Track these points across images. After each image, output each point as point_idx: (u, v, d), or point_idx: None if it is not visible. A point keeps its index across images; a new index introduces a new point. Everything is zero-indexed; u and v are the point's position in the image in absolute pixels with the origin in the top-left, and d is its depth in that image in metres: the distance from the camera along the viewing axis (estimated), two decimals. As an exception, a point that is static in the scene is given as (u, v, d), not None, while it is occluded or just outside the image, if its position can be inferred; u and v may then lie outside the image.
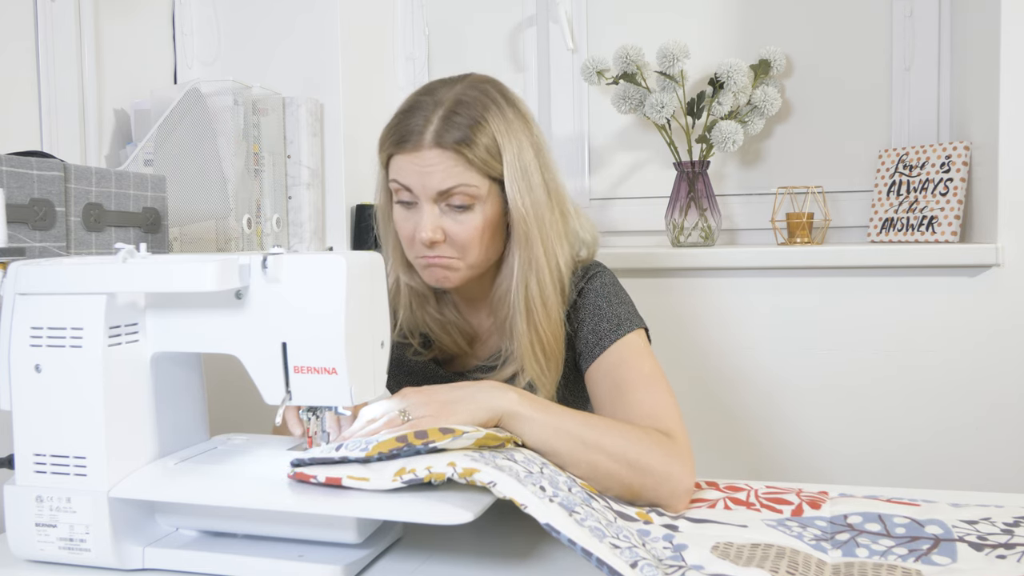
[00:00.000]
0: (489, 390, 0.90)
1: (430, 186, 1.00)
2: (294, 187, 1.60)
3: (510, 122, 1.03)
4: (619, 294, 1.12)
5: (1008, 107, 1.45)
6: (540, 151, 1.06)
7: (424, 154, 1.00)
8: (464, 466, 0.73)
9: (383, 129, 1.05)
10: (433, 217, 1.02)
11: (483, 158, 1.00)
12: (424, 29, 1.92)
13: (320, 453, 0.78)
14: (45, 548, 0.79)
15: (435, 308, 1.14)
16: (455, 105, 1.01)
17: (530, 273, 1.04)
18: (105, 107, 1.46)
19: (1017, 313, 1.50)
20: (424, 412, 0.85)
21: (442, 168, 0.99)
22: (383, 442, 0.77)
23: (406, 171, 1.02)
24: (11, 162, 0.96)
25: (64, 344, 0.77)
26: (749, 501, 0.91)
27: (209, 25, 1.69)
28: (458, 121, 1.00)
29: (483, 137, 1.00)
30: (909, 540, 0.79)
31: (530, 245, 1.03)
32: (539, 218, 1.03)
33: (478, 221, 1.02)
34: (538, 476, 0.78)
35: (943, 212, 1.55)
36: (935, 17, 1.65)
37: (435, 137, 0.99)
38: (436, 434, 0.78)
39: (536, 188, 1.03)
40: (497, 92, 1.05)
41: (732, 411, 1.66)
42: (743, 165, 1.78)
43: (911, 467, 1.58)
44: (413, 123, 1.01)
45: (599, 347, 1.06)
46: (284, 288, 0.79)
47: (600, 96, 1.84)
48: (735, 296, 1.64)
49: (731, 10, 1.77)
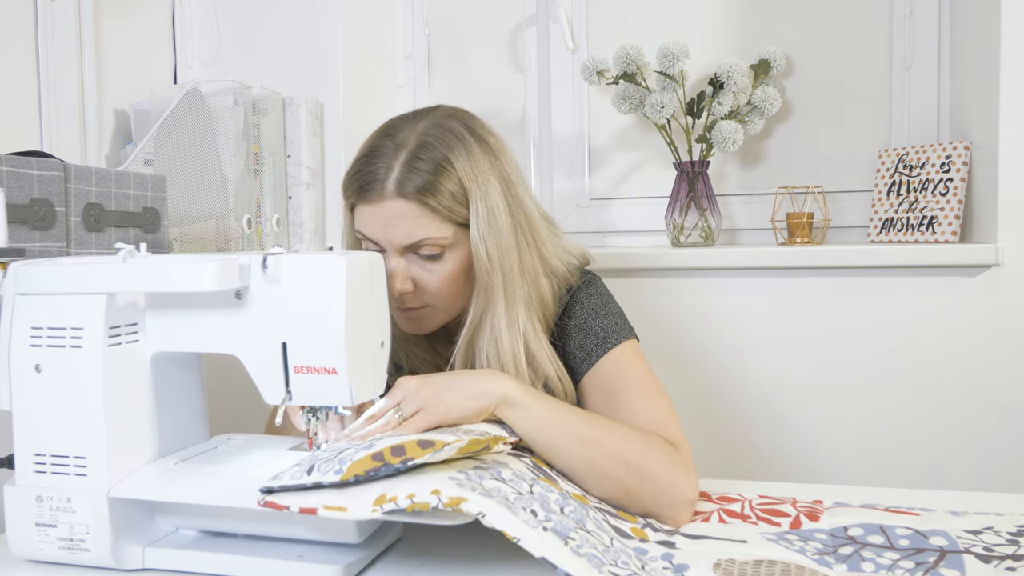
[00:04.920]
0: (486, 377, 0.89)
1: (395, 240, 0.97)
2: (294, 187, 1.60)
3: (476, 161, 0.98)
4: (606, 305, 1.08)
5: (1008, 107, 1.45)
6: (509, 185, 1.01)
7: (387, 205, 0.96)
8: (449, 495, 0.69)
9: (345, 173, 1.02)
10: (401, 268, 0.98)
11: (448, 205, 0.96)
12: (424, 29, 1.92)
13: (291, 479, 0.74)
14: (45, 548, 0.79)
15: (415, 346, 1.11)
16: (417, 149, 0.96)
17: (485, 327, 0.99)
18: (105, 107, 1.46)
19: (1017, 313, 1.50)
20: (417, 403, 0.85)
21: (407, 220, 0.96)
22: (357, 462, 0.72)
23: (371, 224, 0.98)
24: (11, 162, 0.96)
25: (64, 344, 0.77)
26: (744, 513, 0.89)
27: (209, 25, 1.69)
28: (420, 167, 0.95)
29: (447, 183, 0.95)
30: (914, 552, 0.78)
31: (490, 296, 0.99)
32: (506, 266, 0.98)
33: (448, 269, 0.99)
34: (528, 498, 0.75)
35: (943, 212, 1.55)
36: (935, 17, 1.65)
37: (397, 186, 0.95)
38: (414, 449, 0.73)
39: (504, 232, 0.98)
40: (463, 128, 1.00)
41: (731, 411, 1.66)
42: (743, 165, 1.78)
43: (911, 467, 1.58)
44: (375, 170, 0.97)
45: (587, 361, 1.03)
46: (284, 288, 0.79)
47: (600, 96, 1.84)
48: (735, 296, 1.64)
49: (731, 10, 1.77)
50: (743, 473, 1.63)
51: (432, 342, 1.12)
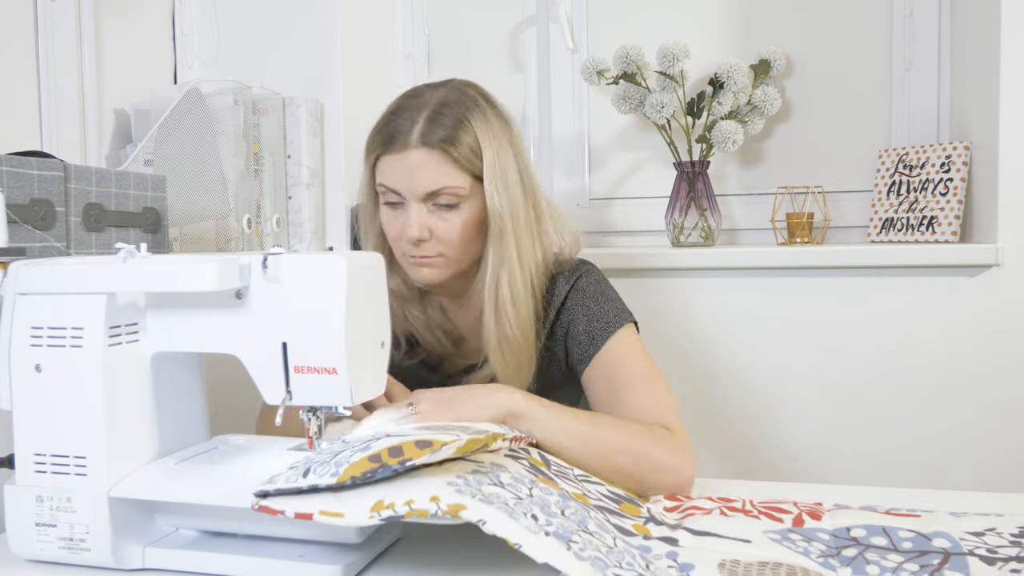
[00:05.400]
0: (495, 391, 0.93)
1: (418, 188, 1.04)
2: (294, 187, 1.60)
3: (491, 123, 1.07)
4: (606, 291, 1.14)
5: (1008, 107, 1.45)
6: (519, 154, 1.10)
7: (411, 154, 1.03)
8: (449, 502, 0.68)
9: (370, 131, 1.09)
10: (421, 216, 1.05)
11: (467, 156, 1.04)
12: (424, 29, 1.92)
13: (285, 482, 0.72)
14: (45, 548, 0.79)
15: (419, 308, 1.17)
16: (440, 106, 1.05)
17: (502, 271, 1.07)
18: (105, 107, 1.45)
19: (1017, 313, 1.50)
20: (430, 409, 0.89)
21: (429, 168, 1.03)
22: (354, 464, 0.71)
23: (395, 173, 1.05)
24: (11, 162, 0.96)
25: (64, 344, 0.77)
26: (746, 509, 0.90)
27: (209, 25, 1.69)
28: (443, 121, 1.03)
29: (466, 136, 1.04)
30: (918, 555, 0.77)
31: (504, 243, 1.06)
32: (514, 217, 1.06)
33: (463, 219, 1.06)
34: (528, 502, 0.74)
35: (943, 212, 1.55)
36: (935, 17, 1.65)
37: (421, 137, 1.03)
38: (412, 450, 0.72)
39: (513, 187, 1.06)
40: (479, 95, 1.09)
41: (732, 411, 1.66)
42: (743, 165, 1.78)
43: (912, 467, 1.58)
44: (400, 124, 1.05)
45: (592, 348, 1.09)
46: (284, 288, 0.79)
47: (600, 96, 1.84)
48: (735, 296, 1.64)
49: (731, 10, 1.77)
50: (743, 473, 1.63)
51: (442, 303, 1.19)
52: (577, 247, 1.19)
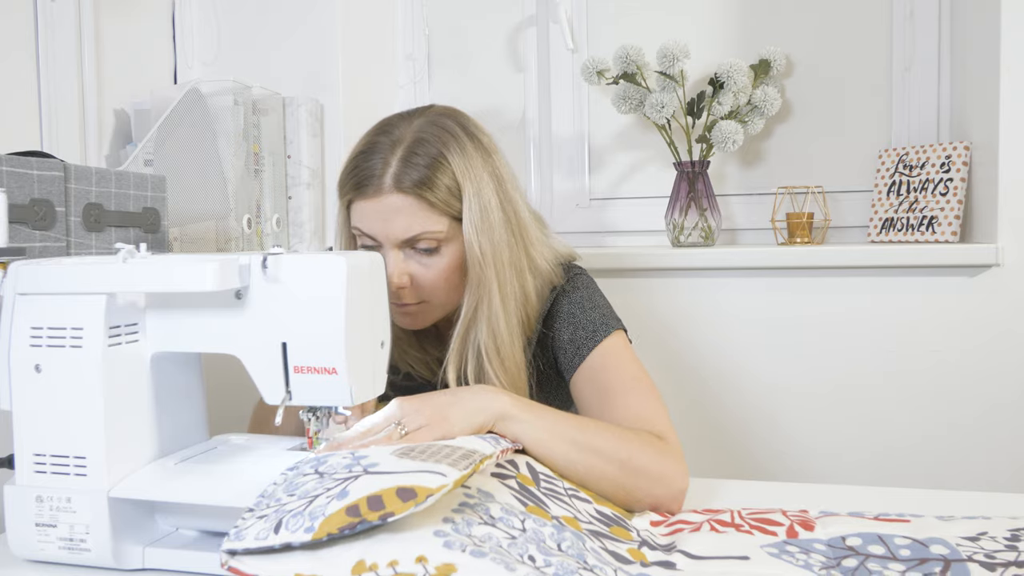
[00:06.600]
0: (483, 394, 0.90)
1: (393, 235, 0.99)
2: (294, 187, 1.60)
3: (470, 158, 1.00)
4: (593, 298, 1.09)
5: (1008, 107, 1.45)
6: (501, 183, 1.03)
7: (385, 199, 0.97)
8: (437, 562, 0.64)
9: (341, 171, 1.03)
10: (399, 263, 1.00)
11: (444, 199, 0.98)
12: (424, 29, 1.92)
13: (256, 539, 0.67)
14: (45, 548, 0.79)
15: (416, 348, 1.12)
16: (414, 144, 0.98)
17: (481, 321, 1.01)
18: (105, 107, 1.46)
19: (1017, 313, 1.50)
20: (419, 421, 0.84)
21: (404, 215, 0.97)
22: (330, 517, 0.66)
23: (368, 219, 0.99)
24: (11, 162, 0.96)
25: (64, 344, 0.77)
26: (736, 522, 0.87)
27: (209, 25, 1.69)
28: (417, 161, 0.97)
29: (443, 177, 0.97)
30: (918, 563, 0.76)
31: (484, 289, 1.01)
32: (497, 260, 1.00)
33: (445, 263, 1.01)
34: (522, 541, 0.72)
35: (943, 212, 1.55)
36: (935, 17, 1.65)
37: (395, 181, 0.97)
38: (394, 502, 0.67)
39: (496, 227, 1.00)
40: (457, 126, 1.02)
41: (731, 411, 1.66)
42: (743, 165, 1.78)
43: (911, 467, 1.58)
44: (372, 165, 0.98)
45: (578, 356, 1.05)
46: (284, 288, 0.79)
47: (600, 96, 1.84)
48: (735, 296, 1.64)
49: (731, 10, 1.77)
50: (742, 473, 1.63)
51: (423, 342, 1.13)
52: (571, 258, 1.15)
